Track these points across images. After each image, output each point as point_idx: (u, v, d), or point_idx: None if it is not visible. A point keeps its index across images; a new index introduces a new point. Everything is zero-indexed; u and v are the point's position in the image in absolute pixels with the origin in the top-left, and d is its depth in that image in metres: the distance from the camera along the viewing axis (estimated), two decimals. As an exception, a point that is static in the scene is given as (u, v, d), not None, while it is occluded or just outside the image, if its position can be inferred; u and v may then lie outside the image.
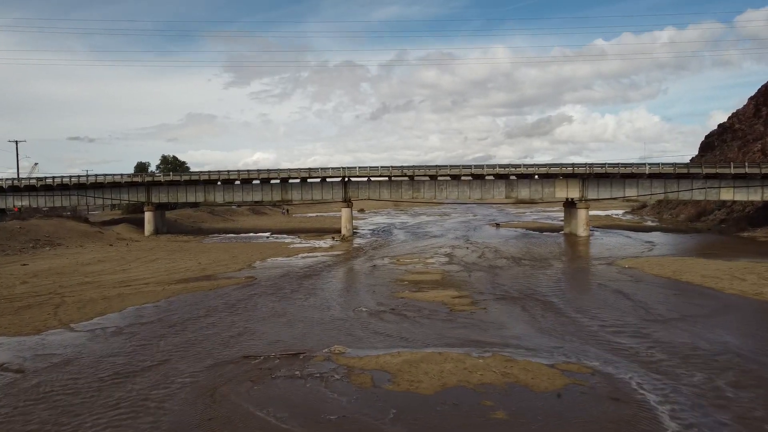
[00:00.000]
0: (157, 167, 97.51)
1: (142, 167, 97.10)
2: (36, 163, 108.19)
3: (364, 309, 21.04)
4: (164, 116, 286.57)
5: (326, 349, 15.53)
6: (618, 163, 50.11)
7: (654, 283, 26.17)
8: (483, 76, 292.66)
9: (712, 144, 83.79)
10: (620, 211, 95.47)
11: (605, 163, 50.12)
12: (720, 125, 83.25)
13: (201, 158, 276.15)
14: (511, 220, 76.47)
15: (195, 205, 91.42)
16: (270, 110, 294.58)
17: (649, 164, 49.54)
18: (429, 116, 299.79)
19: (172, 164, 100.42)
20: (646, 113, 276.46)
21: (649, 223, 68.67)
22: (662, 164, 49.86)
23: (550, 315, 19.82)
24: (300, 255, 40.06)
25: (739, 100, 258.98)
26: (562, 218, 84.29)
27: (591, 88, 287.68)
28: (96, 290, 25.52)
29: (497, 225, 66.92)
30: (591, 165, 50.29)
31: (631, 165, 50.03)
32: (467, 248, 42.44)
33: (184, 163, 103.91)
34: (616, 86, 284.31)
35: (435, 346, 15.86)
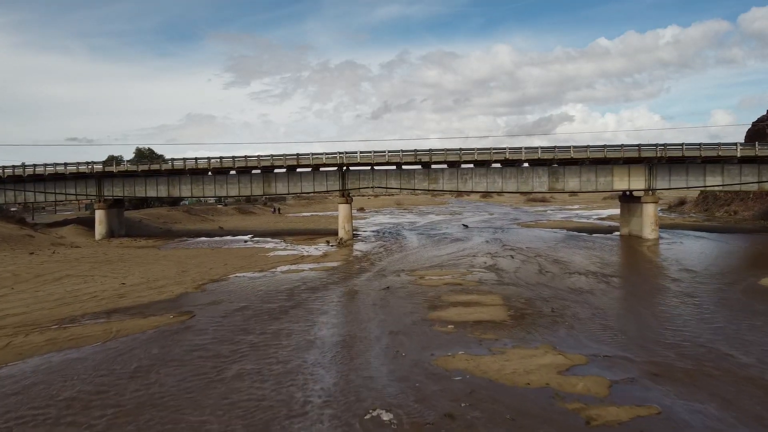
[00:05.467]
0: (129, 161, 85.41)
1: (113, 161, 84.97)
2: (23, 163, 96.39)
3: (385, 417, 9.27)
4: (164, 117, 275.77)
5: None
6: (699, 144, 38.40)
7: None
8: (485, 76, 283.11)
9: (762, 131, 72.74)
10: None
11: (682, 144, 38.38)
12: (771, 109, 73.17)
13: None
14: (538, 219, 64.67)
15: (175, 203, 79.51)
16: (270, 110, 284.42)
17: (741, 145, 37.86)
18: (430, 116, 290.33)
19: (148, 158, 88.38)
20: (647, 112, 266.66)
21: (708, 222, 56.81)
22: (759, 145, 38.18)
23: None
24: (280, 268, 28.33)
25: (742, 98, 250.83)
26: (596, 217, 73.10)
27: (593, 87, 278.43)
28: None
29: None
30: (664, 146, 38.54)
31: (715, 145, 38.32)
32: (512, 257, 30.69)
33: (161, 156, 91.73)
34: (619, 85, 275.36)
35: None
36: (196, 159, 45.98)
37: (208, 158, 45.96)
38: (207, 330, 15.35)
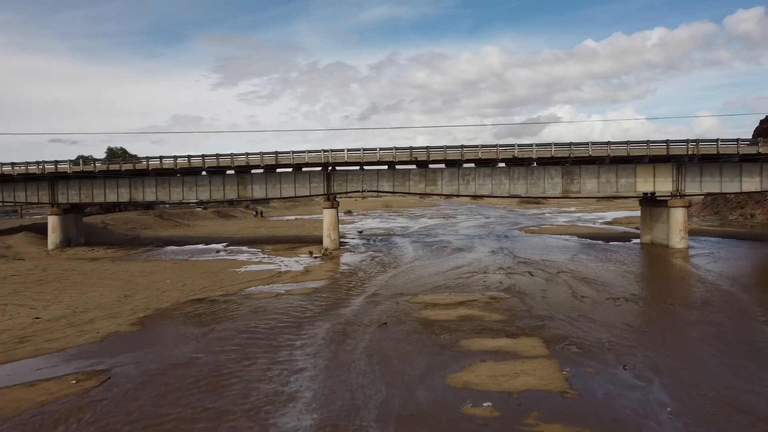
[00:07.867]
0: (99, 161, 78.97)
1: (83, 161, 78.65)
2: None
3: None
4: (150, 118, 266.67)
5: None
6: (736, 139, 33.58)
7: None
8: (474, 77, 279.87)
9: (773, 129, 68.45)
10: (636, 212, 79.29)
11: (717, 139, 33.53)
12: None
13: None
14: (541, 224, 59.66)
15: (149, 207, 73.42)
16: (258, 111, 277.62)
17: (785, 140, 33.16)
18: (418, 117, 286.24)
19: (121, 158, 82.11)
20: (633, 113, 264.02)
21: (731, 228, 52.11)
22: (805, 140, 33.51)
23: None
24: (250, 289, 22.95)
25: (726, 99, 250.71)
26: (601, 221, 68.06)
27: (580, 89, 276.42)
28: None
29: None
30: (696, 142, 33.68)
31: (755, 141, 33.56)
32: (530, 273, 25.52)
33: (134, 156, 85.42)
34: (606, 86, 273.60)
35: None
36: (160, 158, 40.31)
37: (175, 157, 40.28)
38: (107, 417, 9.90)
